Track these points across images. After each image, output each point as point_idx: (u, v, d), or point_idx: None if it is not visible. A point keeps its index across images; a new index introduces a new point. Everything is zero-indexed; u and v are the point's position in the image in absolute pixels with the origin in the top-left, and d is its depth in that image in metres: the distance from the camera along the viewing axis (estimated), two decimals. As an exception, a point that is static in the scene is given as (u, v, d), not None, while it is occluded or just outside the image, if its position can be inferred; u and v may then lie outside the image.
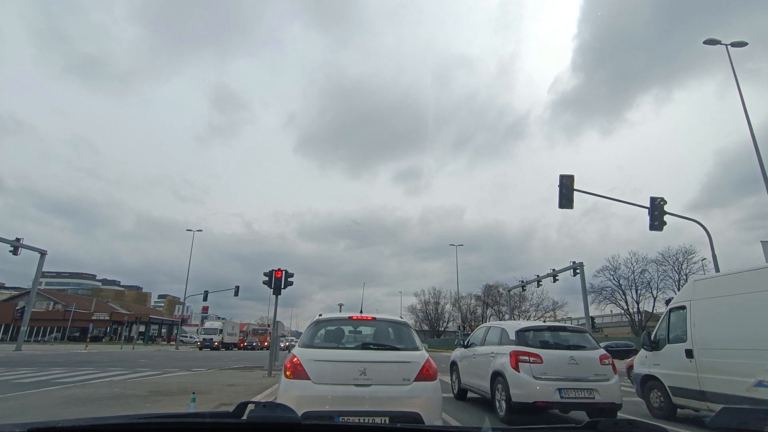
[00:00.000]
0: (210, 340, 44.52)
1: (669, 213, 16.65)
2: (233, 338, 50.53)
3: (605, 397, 6.64)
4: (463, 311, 62.02)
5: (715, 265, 17.19)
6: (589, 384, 6.69)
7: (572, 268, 28.77)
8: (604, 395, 6.64)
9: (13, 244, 26.58)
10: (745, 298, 6.57)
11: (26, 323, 31.23)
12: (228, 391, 9.56)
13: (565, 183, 16.82)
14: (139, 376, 12.97)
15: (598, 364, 6.93)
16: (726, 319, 6.81)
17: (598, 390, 6.64)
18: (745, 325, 6.46)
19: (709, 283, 7.56)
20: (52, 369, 14.93)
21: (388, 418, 3.96)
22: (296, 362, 4.47)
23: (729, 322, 6.75)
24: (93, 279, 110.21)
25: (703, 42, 17.57)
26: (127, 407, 7.33)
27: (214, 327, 47.31)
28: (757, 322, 6.27)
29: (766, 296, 6.21)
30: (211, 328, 47.09)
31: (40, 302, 56.34)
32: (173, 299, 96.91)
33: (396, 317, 5.81)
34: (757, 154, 16.00)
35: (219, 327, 47.64)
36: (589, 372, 6.81)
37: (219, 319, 57.23)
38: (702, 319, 7.27)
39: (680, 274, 43.63)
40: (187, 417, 1.34)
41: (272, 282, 14.70)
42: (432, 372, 4.61)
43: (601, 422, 1.22)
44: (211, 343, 44.20)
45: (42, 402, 7.68)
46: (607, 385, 6.76)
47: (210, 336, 45.12)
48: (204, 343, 44.32)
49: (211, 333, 45.67)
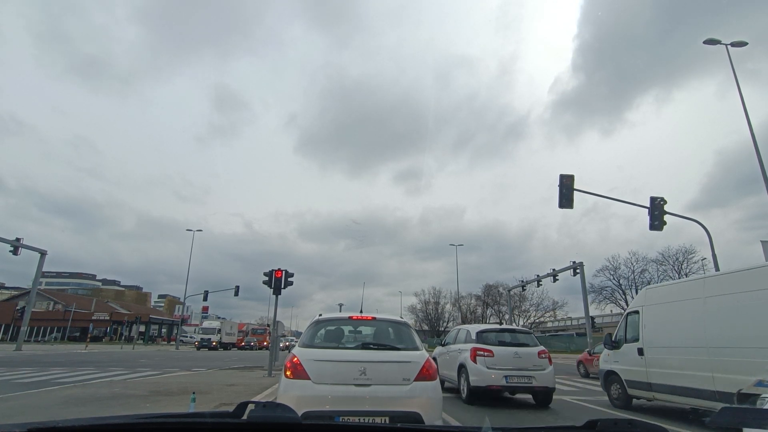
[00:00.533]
0: (208, 340, 43.94)
1: (669, 213, 16.65)
2: (231, 338, 50.17)
3: (541, 382, 8.68)
4: (463, 311, 61.96)
5: (715, 264, 17.19)
6: (529, 372, 8.70)
7: (572, 268, 28.77)
8: (540, 381, 8.68)
9: (13, 244, 26.58)
10: (684, 303, 7.66)
11: (26, 323, 31.23)
12: (228, 391, 9.56)
13: (565, 183, 16.83)
14: (140, 376, 12.97)
15: (537, 358, 8.92)
16: (669, 321, 7.97)
17: (535, 377, 8.67)
18: (684, 327, 7.54)
19: (658, 291, 8.79)
20: (53, 369, 14.94)
21: (388, 418, 3.96)
22: (296, 362, 4.47)
23: (671, 325, 7.91)
24: (93, 279, 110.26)
25: (703, 42, 17.57)
26: (127, 407, 7.34)
27: (212, 327, 46.62)
28: (694, 324, 7.31)
29: (700, 302, 7.25)
30: (209, 327, 46.39)
31: (40, 302, 56.34)
32: (173, 299, 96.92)
33: (396, 317, 5.82)
34: (757, 154, 16.01)
35: (217, 326, 46.99)
36: (529, 363, 8.78)
37: (219, 319, 56.94)
38: (651, 322, 8.39)
39: (680, 273, 43.55)
40: (188, 417, 1.34)
41: (272, 282, 14.70)
42: (432, 372, 4.61)
43: (601, 422, 1.22)
44: (208, 343, 43.65)
45: (42, 402, 7.69)
46: (543, 373, 8.77)
47: (208, 336, 44.56)
48: (201, 343, 43.69)
49: (209, 333, 45.06)
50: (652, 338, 8.26)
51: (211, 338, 44.17)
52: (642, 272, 46.53)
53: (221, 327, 47.71)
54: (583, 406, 9.28)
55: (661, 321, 8.17)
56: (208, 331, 45.51)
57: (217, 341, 44.70)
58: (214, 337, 44.48)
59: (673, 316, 7.87)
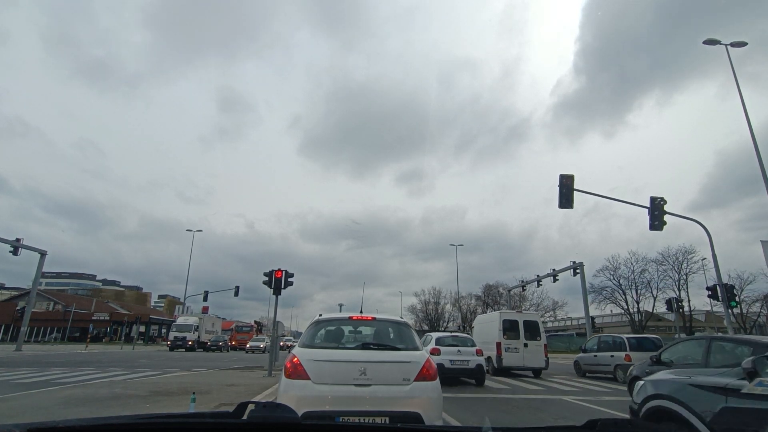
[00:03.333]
0: (183, 339, 37.70)
1: (669, 213, 16.66)
2: (212, 336, 43.83)
3: (473, 366, 12.84)
4: (463, 311, 61.89)
5: (715, 264, 17.19)
6: (465, 359, 12.92)
7: (572, 268, 28.78)
8: (472, 365, 12.84)
9: (13, 244, 26.58)
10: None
11: (26, 323, 31.20)
12: (228, 391, 9.56)
13: (565, 183, 16.82)
14: (140, 376, 12.96)
15: (474, 354, 13.16)
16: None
17: (469, 363, 12.82)
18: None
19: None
20: (53, 369, 14.93)
21: (389, 418, 3.93)
22: (296, 362, 4.47)
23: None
24: (93, 279, 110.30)
25: (703, 42, 17.56)
26: (127, 407, 7.33)
27: (188, 323, 39.78)
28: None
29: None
30: (185, 324, 39.59)
31: (40, 302, 56.32)
32: (173, 299, 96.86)
33: (396, 317, 5.82)
34: (758, 155, 16.02)
35: (194, 323, 40.04)
36: (467, 355, 13.00)
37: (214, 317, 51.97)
38: None
39: (680, 273, 43.62)
40: (188, 417, 1.34)
41: (272, 282, 14.71)
42: (432, 372, 4.61)
43: (601, 421, 1.22)
44: (183, 342, 37.60)
45: (42, 402, 7.68)
46: (475, 359, 12.96)
47: (183, 334, 38.20)
48: (175, 343, 37.56)
49: (184, 330, 38.70)
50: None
51: (187, 336, 38.10)
52: (642, 272, 46.56)
53: (200, 324, 40.80)
54: (583, 406, 9.28)
55: None
56: (183, 328, 39.04)
57: (194, 340, 38.61)
58: (191, 336, 38.46)
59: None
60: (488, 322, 18.31)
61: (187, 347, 37.47)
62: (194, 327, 39.44)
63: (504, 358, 16.07)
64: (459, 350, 13.17)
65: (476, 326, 20.13)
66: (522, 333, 16.54)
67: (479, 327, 19.43)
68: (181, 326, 39.36)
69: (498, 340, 16.33)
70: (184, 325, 39.56)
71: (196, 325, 39.86)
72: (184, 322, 40.39)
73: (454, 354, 12.93)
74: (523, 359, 16.16)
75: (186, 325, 39.36)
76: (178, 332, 38.62)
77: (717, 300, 17.09)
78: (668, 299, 28.87)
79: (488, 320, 18.58)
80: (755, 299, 42.57)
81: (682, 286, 43.74)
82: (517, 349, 16.26)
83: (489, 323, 18.00)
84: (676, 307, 28.32)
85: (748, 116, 16.69)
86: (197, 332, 39.64)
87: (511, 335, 16.53)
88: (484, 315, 22.49)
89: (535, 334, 16.69)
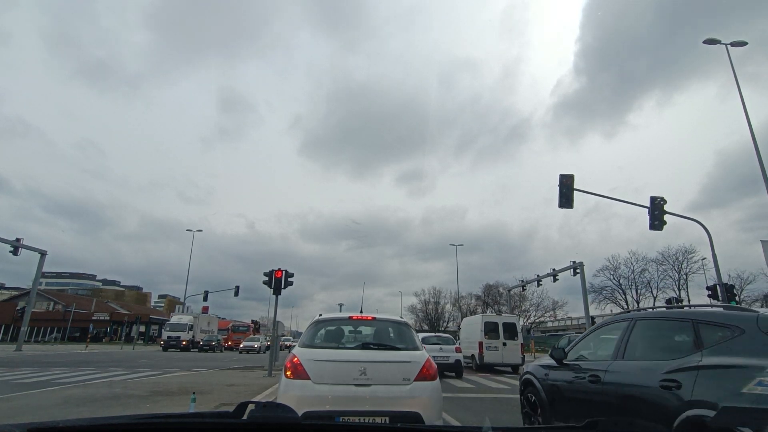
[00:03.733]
0: (176, 339, 36.71)
1: (669, 213, 16.65)
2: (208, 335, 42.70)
3: (452, 361, 15.02)
4: (463, 311, 61.88)
5: (715, 264, 17.19)
6: (446, 355, 14.97)
7: (572, 268, 28.76)
8: (451, 360, 15.03)
9: (13, 244, 26.58)
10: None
11: (26, 323, 31.21)
12: (228, 391, 9.56)
13: (565, 183, 16.82)
14: (140, 376, 12.96)
15: (454, 351, 15.37)
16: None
17: (449, 358, 14.92)
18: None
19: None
20: (53, 369, 14.93)
21: (389, 418, 3.94)
22: (296, 362, 4.47)
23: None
24: (93, 279, 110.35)
25: (703, 42, 17.56)
26: (127, 407, 7.33)
27: (182, 323, 38.51)
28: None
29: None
30: (178, 323, 38.39)
31: (40, 302, 56.36)
32: (173, 299, 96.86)
33: (396, 317, 5.82)
34: (758, 155, 16.01)
35: (188, 322, 39.01)
36: (447, 352, 15.08)
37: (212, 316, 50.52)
38: None
39: (680, 273, 43.67)
40: (188, 417, 1.34)
41: (272, 282, 14.71)
42: (432, 372, 4.61)
43: (602, 422, 1.22)
44: (177, 342, 36.60)
45: (42, 402, 7.68)
46: (455, 356, 15.19)
47: (177, 333, 37.22)
48: (168, 342, 36.60)
49: (177, 330, 37.62)
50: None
51: (181, 336, 37.09)
52: (642, 272, 46.69)
53: (194, 323, 39.84)
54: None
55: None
56: (177, 327, 37.84)
57: (188, 340, 37.61)
58: (185, 335, 37.44)
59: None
60: (472, 324, 20.34)
61: (181, 347, 36.55)
62: (188, 326, 38.41)
63: (485, 356, 17.97)
64: (441, 348, 15.19)
65: (463, 327, 22.68)
66: (501, 333, 18.42)
67: (465, 328, 21.73)
68: (174, 325, 38.24)
69: (480, 340, 18.22)
70: (177, 324, 38.35)
71: (190, 324, 38.81)
72: (177, 321, 39.15)
73: (436, 351, 14.66)
74: (502, 357, 18.17)
75: (180, 325, 38.23)
76: (171, 332, 37.64)
77: (717, 300, 17.10)
78: (668, 299, 28.96)
79: (472, 322, 20.58)
80: (755, 299, 42.63)
81: (682, 285, 43.87)
82: (497, 348, 18.21)
83: (473, 325, 19.99)
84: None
85: (749, 116, 16.70)
86: (192, 332, 38.76)
87: (491, 336, 18.42)
88: (470, 317, 23.86)
89: (513, 335, 18.61)
